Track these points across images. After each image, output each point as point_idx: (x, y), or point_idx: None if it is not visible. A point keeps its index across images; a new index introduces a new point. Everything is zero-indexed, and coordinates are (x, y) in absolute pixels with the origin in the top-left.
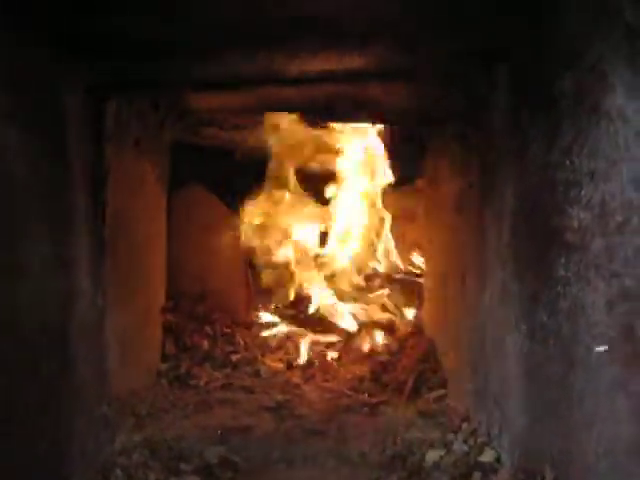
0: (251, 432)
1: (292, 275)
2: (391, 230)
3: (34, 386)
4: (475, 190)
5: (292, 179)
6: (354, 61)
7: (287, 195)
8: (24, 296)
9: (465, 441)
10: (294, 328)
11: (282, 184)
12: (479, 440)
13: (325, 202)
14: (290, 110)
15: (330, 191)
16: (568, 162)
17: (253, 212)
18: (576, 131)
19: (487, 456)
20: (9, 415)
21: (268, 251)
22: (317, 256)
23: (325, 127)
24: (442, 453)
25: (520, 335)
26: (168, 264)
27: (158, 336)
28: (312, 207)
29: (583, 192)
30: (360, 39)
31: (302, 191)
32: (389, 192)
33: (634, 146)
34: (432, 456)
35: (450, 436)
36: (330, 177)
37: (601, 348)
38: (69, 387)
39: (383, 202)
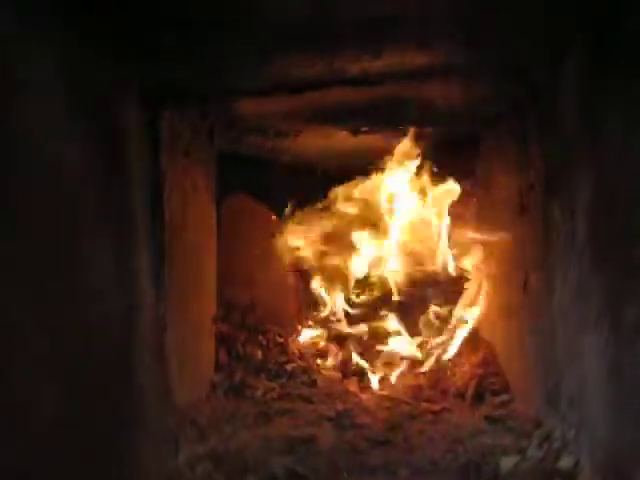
0: (314, 442)
1: (345, 284)
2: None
3: (106, 404)
4: (538, 190)
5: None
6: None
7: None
8: (94, 315)
9: (539, 446)
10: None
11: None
12: (554, 445)
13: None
14: (347, 116)
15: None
16: None
17: (303, 220)
18: None
19: (565, 461)
20: (82, 439)
21: (319, 260)
22: (372, 263)
23: (366, 133)
24: (517, 460)
25: (600, 335)
26: (217, 274)
27: (211, 346)
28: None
29: None
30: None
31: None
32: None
33: None
34: (507, 463)
35: (523, 442)
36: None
37: None
38: (137, 405)
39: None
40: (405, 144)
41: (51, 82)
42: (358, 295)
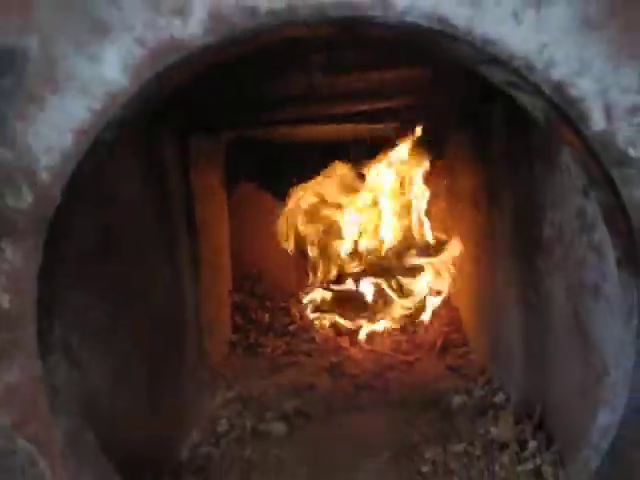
0: (315, 388)
1: (336, 254)
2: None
3: (166, 365)
4: (485, 191)
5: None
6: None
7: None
8: (160, 298)
9: (482, 388)
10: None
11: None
12: (493, 386)
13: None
14: None
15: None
16: (540, 191)
17: (300, 200)
18: (544, 171)
19: (499, 397)
20: (151, 394)
21: (314, 235)
22: (357, 234)
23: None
24: (465, 398)
25: (518, 308)
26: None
27: (229, 313)
28: (355, 189)
29: (549, 215)
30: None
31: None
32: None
33: (574, 190)
34: (457, 400)
35: (471, 384)
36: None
37: None
38: (187, 363)
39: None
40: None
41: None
42: (348, 263)
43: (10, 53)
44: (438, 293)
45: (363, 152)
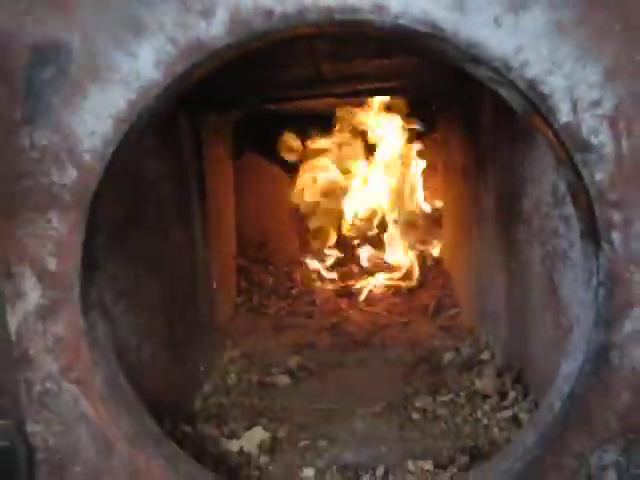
0: (316, 346)
1: (335, 221)
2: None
3: (182, 322)
4: (474, 165)
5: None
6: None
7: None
8: (178, 263)
9: (470, 346)
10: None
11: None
12: (480, 345)
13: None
14: None
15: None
16: (521, 168)
17: (303, 170)
18: (524, 149)
19: (484, 355)
20: (169, 348)
21: (315, 203)
22: (355, 202)
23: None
24: (454, 355)
25: (502, 274)
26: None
27: (234, 277)
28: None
29: (528, 189)
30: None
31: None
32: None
33: (549, 168)
34: (447, 357)
35: (460, 343)
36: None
37: None
38: (199, 322)
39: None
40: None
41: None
42: (349, 230)
43: (55, 47)
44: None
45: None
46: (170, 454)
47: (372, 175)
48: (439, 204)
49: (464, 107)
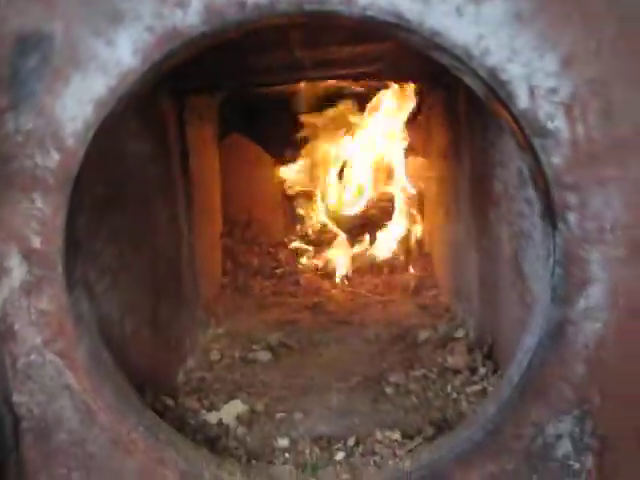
0: (297, 324)
1: (319, 204)
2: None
3: (166, 299)
4: (451, 147)
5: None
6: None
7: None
8: (160, 241)
9: (446, 324)
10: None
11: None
12: (455, 323)
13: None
14: None
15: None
16: (492, 151)
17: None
18: (494, 133)
19: (459, 332)
20: (153, 324)
21: (301, 185)
22: (340, 185)
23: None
24: (430, 333)
25: (476, 254)
26: (221, 200)
27: (219, 256)
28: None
29: (498, 172)
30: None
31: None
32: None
33: (515, 152)
34: (423, 335)
35: (436, 321)
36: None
37: None
38: (183, 299)
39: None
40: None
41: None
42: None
43: (37, 36)
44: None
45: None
46: (151, 424)
47: (358, 154)
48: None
49: (443, 91)
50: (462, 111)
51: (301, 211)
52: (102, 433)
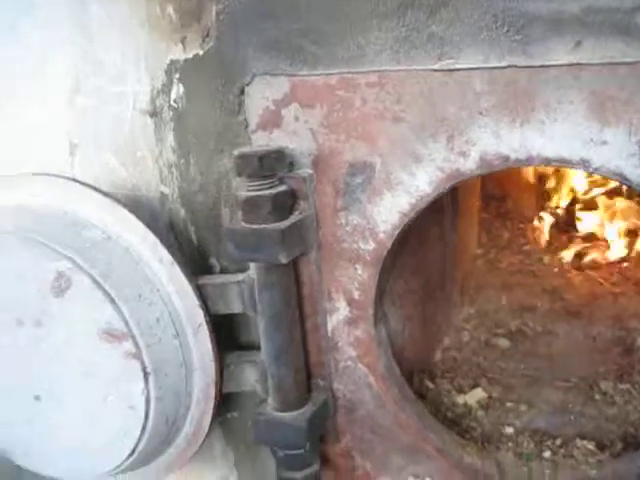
0: (535, 310)
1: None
2: None
3: (433, 293)
4: None
5: None
6: None
7: None
8: (430, 245)
9: None
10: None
11: None
12: None
13: None
14: None
15: None
16: None
17: None
18: None
19: None
20: (422, 320)
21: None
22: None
23: None
24: None
25: None
26: None
27: (476, 230)
28: None
29: None
30: None
31: None
32: None
33: None
34: None
35: None
36: None
37: None
38: (445, 284)
39: None
40: None
41: None
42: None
43: (363, 164)
44: None
45: None
46: (418, 410)
47: None
48: None
49: None
50: None
51: (552, 188)
52: (387, 414)
